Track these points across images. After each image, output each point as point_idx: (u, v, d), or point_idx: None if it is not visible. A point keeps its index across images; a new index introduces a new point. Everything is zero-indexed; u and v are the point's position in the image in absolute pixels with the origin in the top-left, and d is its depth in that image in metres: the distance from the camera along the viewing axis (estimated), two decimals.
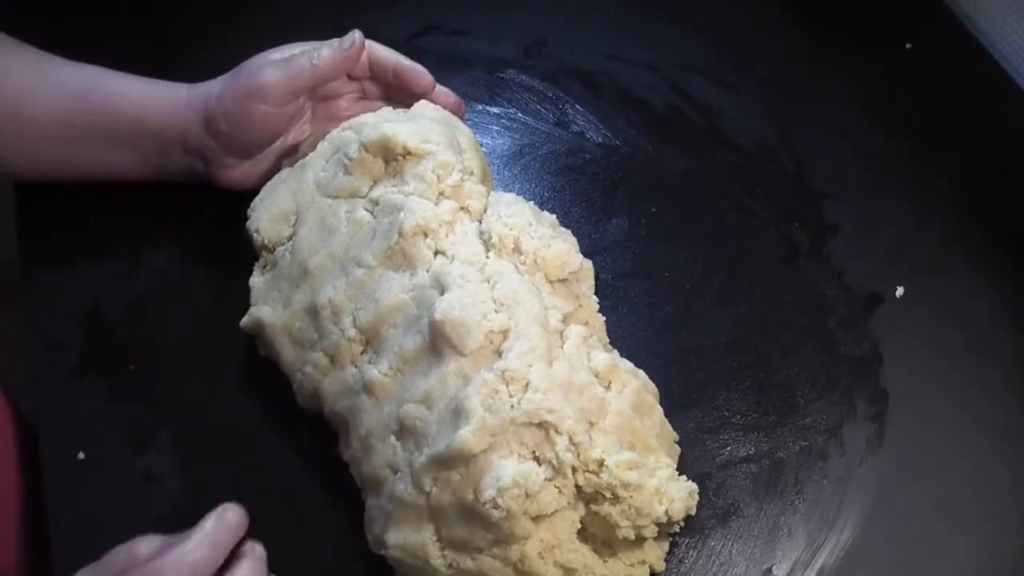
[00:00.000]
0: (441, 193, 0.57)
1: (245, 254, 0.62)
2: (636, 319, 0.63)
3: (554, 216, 0.60)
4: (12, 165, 0.64)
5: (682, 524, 0.52)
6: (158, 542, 0.50)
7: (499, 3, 0.78)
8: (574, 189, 0.68)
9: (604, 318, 0.59)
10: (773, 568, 0.55)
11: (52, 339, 0.62)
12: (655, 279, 0.65)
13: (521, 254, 0.55)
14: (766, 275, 0.65)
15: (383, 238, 0.55)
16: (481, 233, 0.56)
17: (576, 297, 0.57)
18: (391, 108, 0.63)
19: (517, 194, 0.61)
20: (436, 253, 0.55)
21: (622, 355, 0.57)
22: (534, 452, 0.49)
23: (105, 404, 0.60)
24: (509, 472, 0.47)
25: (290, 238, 0.59)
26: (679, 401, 0.59)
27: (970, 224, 0.67)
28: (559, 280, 0.56)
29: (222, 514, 0.50)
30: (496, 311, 0.52)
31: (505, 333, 0.51)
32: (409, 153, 0.57)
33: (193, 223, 0.67)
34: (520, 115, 0.72)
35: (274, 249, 0.60)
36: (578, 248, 0.59)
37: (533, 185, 0.69)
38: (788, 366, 0.61)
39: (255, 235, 0.61)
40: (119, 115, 0.62)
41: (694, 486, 0.52)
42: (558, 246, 0.56)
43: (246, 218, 0.62)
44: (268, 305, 0.58)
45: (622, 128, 0.72)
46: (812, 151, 0.71)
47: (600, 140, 0.71)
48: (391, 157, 0.58)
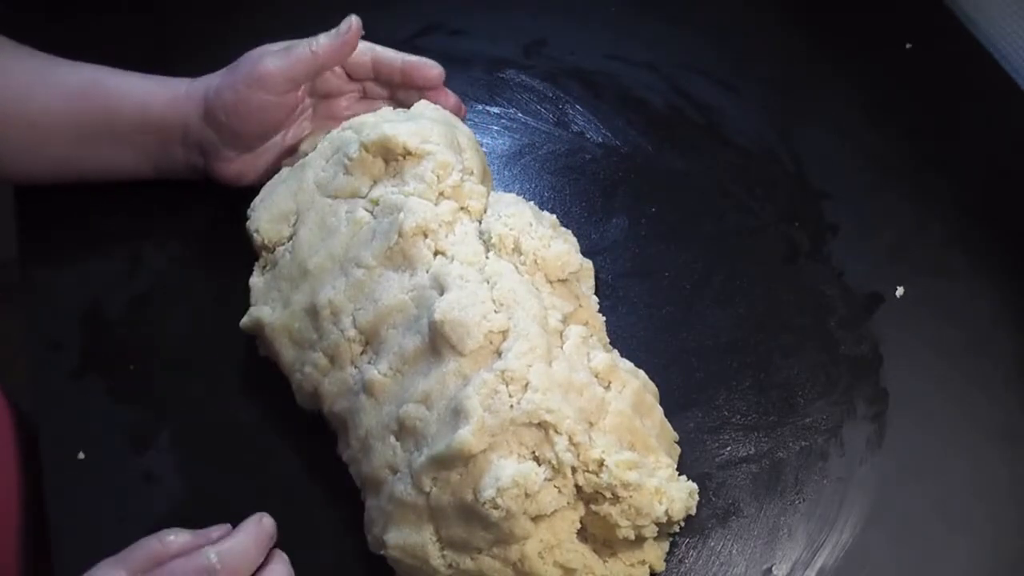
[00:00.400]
0: (441, 193, 0.57)
1: (245, 254, 0.62)
2: (636, 319, 0.63)
3: (554, 216, 0.60)
4: (12, 167, 0.64)
5: (682, 524, 0.52)
6: (187, 535, 0.50)
7: (499, 3, 0.78)
8: (574, 189, 0.68)
9: (604, 318, 0.59)
10: (773, 568, 0.55)
11: (52, 339, 0.62)
12: (655, 279, 0.65)
13: (521, 254, 0.55)
14: (766, 275, 0.65)
15: (383, 238, 0.55)
16: (481, 233, 0.56)
17: (576, 297, 0.57)
18: (391, 108, 0.63)
19: (517, 194, 0.61)
20: (436, 253, 0.55)
21: (622, 355, 0.57)
22: (534, 452, 0.49)
23: (105, 404, 0.60)
24: (508, 472, 0.47)
25: (290, 238, 0.59)
26: (679, 401, 0.59)
27: (970, 224, 0.67)
28: (559, 280, 0.56)
29: (260, 519, 0.52)
30: (496, 311, 0.52)
31: (505, 333, 0.51)
32: (409, 153, 0.57)
33: (193, 223, 0.67)
34: (520, 115, 0.72)
35: (274, 249, 0.60)
36: (578, 248, 0.59)
37: (533, 185, 0.69)
38: (788, 366, 0.61)
39: (255, 235, 0.61)
40: (121, 112, 0.62)
41: (694, 486, 0.52)
42: (558, 246, 0.56)
43: (246, 218, 0.62)
44: (268, 305, 0.58)
45: (622, 128, 0.72)
46: (812, 151, 0.71)
47: (600, 140, 0.71)
48: (391, 157, 0.58)
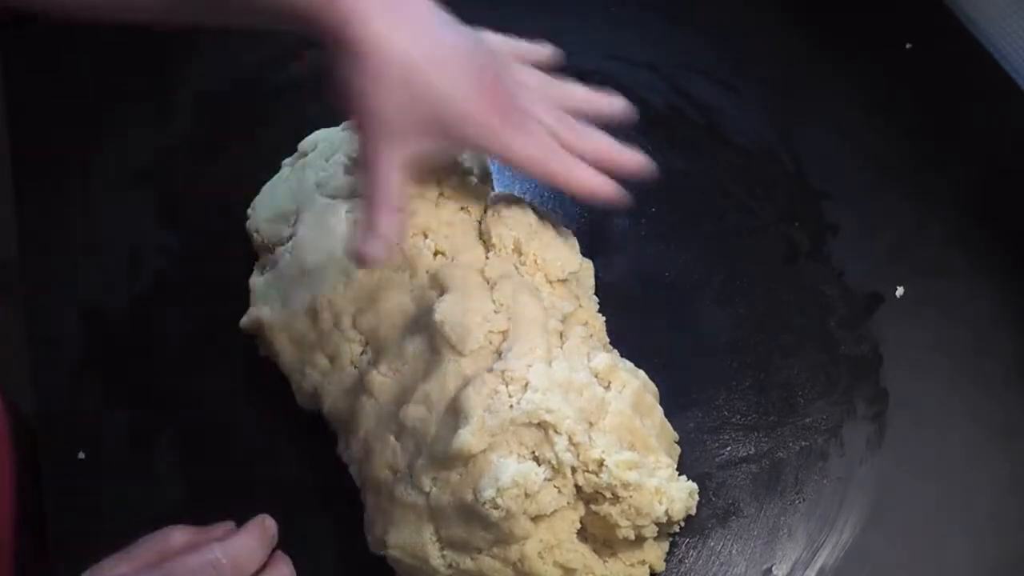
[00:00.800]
0: (441, 194, 0.57)
1: (245, 254, 0.62)
2: (636, 319, 0.63)
3: (554, 216, 0.60)
4: None
5: (682, 524, 0.52)
6: (192, 531, 0.50)
7: (499, 3, 0.78)
8: None
9: (603, 318, 0.59)
10: (773, 568, 0.55)
11: (52, 339, 0.62)
12: (655, 279, 0.65)
13: (521, 255, 0.55)
14: (766, 275, 0.65)
15: None
16: (481, 234, 0.56)
17: (576, 297, 0.57)
18: None
19: (517, 194, 0.61)
20: (436, 253, 0.55)
21: (622, 355, 0.57)
22: (534, 452, 0.49)
23: (105, 404, 0.60)
24: (508, 472, 0.47)
25: (290, 238, 0.59)
26: (679, 401, 0.59)
27: (970, 224, 0.67)
28: (559, 280, 0.56)
29: (263, 520, 0.52)
30: (495, 312, 0.52)
31: (504, 334, 0.51)
32: None
33: (193, 223, 0.67)
34: None
35: (274, 249, 0.60)
36: (578, 248, 0.59)
37: (533, 185, 0.69)
38: (788, 366, 0.61)
39: (255, 235, 0.61)
40: None
41: (694, 486, 0.52)
42: (558, 246, 0.56)
43: (246, 218, 0.62)
44: (267, 305, 0.58)
45: (622, 128, 0.72)
46: (812, 151, 0.71)
47: None
48: None
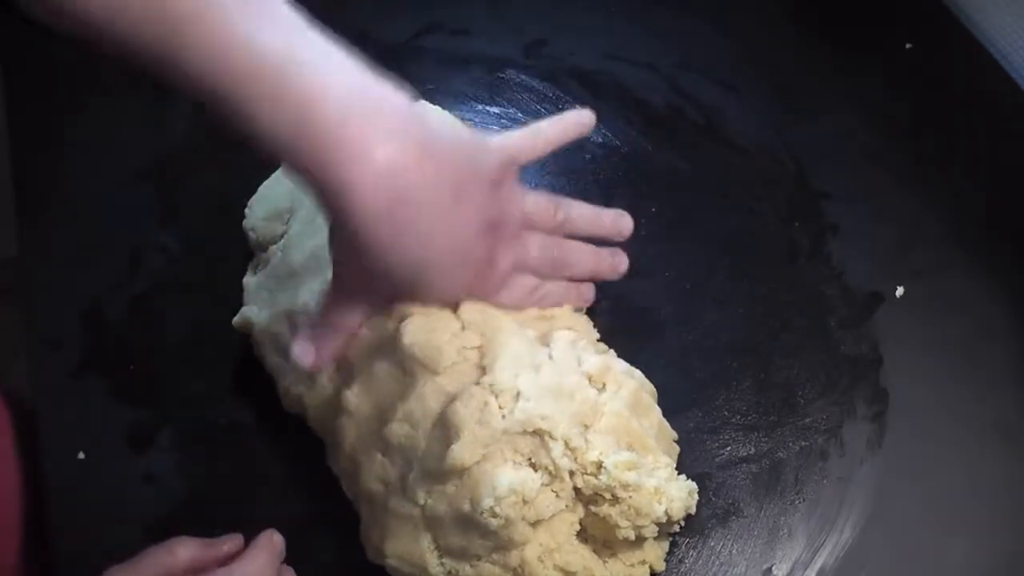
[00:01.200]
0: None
1: (245, 254, 0.62)
2: (636, 319, 0.63)
3: None
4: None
5: (682, 524, 0.52)
6: (196, 545, 0.50)
7: (499, 3, 0.78)
8: (574, 189, 0.68)
9: (588, 319, 0.58)
10: (773, 568, 0.55)
11: (52, 338, 0.62)
12: (655, 279, 0.65)
13: None
14: (766, 275, 0.65)
15: None
16: None
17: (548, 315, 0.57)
18: None
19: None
20: None
21: (621, 355, 0.57)
22: (530, 459, 0.48)
23: (105, 404, 0.60)
24: (505, 480, 0.47)
25: (283, 236, 0.59)
26: (679, 401, 0.59)
27: (970, 224, 0.67)
28: None
29: (271, 536, 0.52)
30: (463, 328, 0.51)
31: (480, 348, 0.51)
32: None
33: (193, 223, 0.67)
34: (520, 115, 0.72)
35: (268, 248, 0.60)
36: None
37: (533, 185, 0.68)
38: (788, 366, 0.61)
39: (250, 233, 0.61)
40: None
41: (694, 485, 0.52)
42: None
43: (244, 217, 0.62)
44: (257, 305, 0.58)
45: (622, 128, 0.72)
46: (812, 151, 0.71)
47: (600, 140, 0.71)
48: None
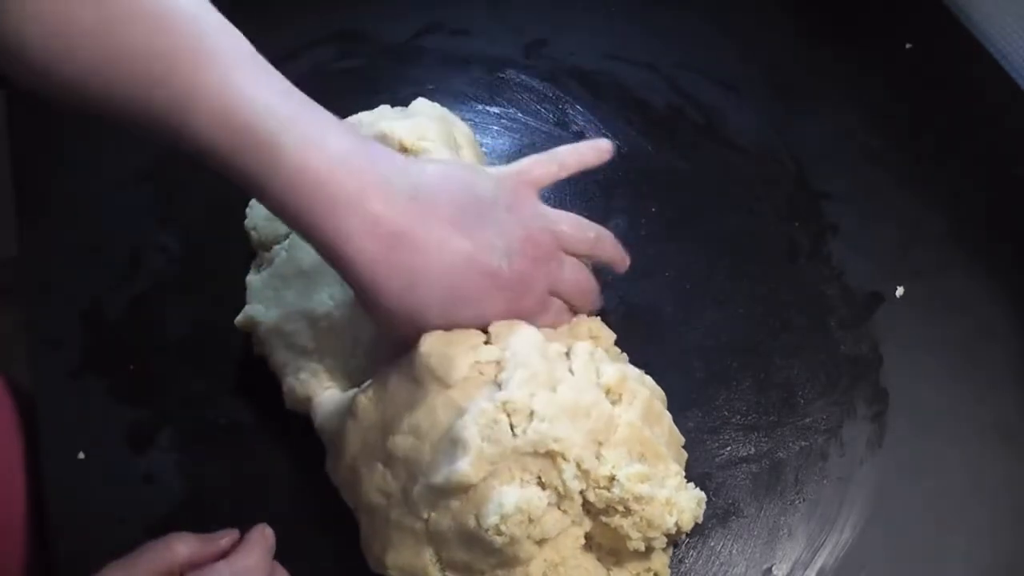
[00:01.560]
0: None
1: (245, 253, 0.62)
2: (636, 319, 0.63)
3: None
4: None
5: (688, 532, 0.52)
6: (194, 540, 0.50)
7: (499, 3, 0.78)
8: (574, 189, 0.68)
9: (612, 333, 0.57)
10: (773, 568, 0.55)
11: (52, 338, 0.62)
12: (655, 279, 0.65)
13: None
14: (766, 275, 0.65)
15: None
16: None
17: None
18: (388, 106, 0.63)
19: None
20: None
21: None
22: (539, 477, 0.48)
23: (105, 404, 0.60)
24: (511, 499, 0.46)
25: (287, 236, 0.59)
26: (679, 401, 0.59)
27: (970, 224, 0.67)
28: None
29: (263, 531, 0.52)
30: (486, 343, 0.50)
31: (498, 364, 0.50)
32: (405, 149, 0.57)
33: (193, 223, 0.67)
34: (520, 115, 0.72)
35: (271, 247, 0.60)
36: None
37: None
38: (788, 366, 0.61)
39: (252, 232, 0.61)
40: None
41: (702, 495, 0.51)
42: None
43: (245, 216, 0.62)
44: (262, 304, 0.58)
45: (622, 128, 0.72)
46: (812, 151, 0.71)
47: None
48: None
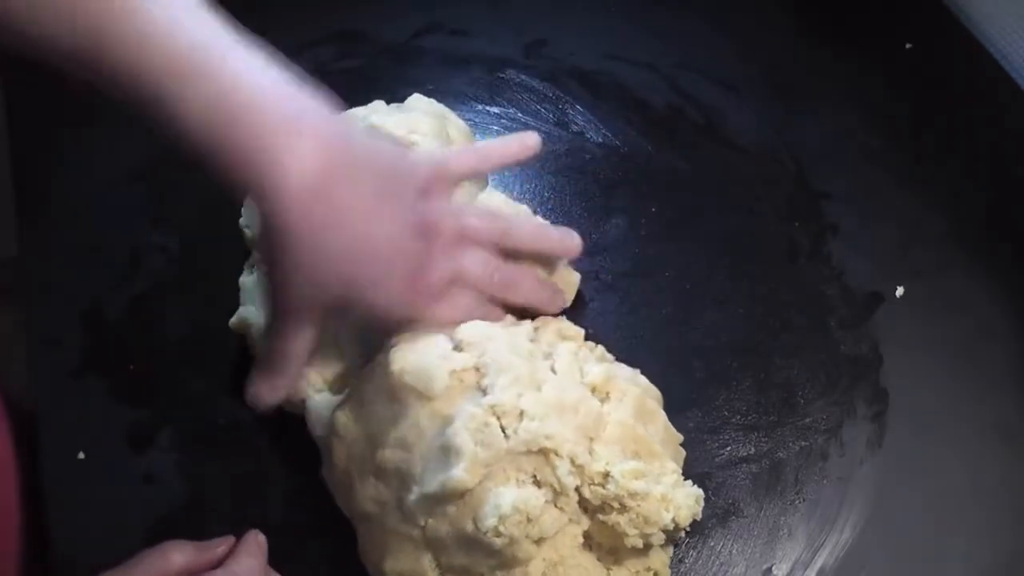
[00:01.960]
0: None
1: (245, 253, 0.62)
2: (636, 319, 0.63)
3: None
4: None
5: (687, 530, 0.52)
6: (190, 548, 0.50)
7: (499, 3, 0.78)
8: (574, 189, 0.68)
9: (581, 329, 0.57)
10: (773, 568, 0.55)
11: (52, 338, 0.62)
12: (655, 279, 0.65)
13: None
14: (766, 275, 0.65)
15: None
16: None
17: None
18: (383, 102, 0.63)
19: (517, 194, 0.61)
20: None
21: (622, 357, 0.57)
22: (534, 476, 0.48)
23: (105, 404, 0.60)
24: (508, 499, 0.46)
25: None
26: (679, 401, 0.59)
27: (970, 224, 0.67)
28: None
29: (256, 535, 0.52)
30: (456, 349, 0.50)
31: (477, 371, 0.50)
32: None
33: (193, 223, 0.67)
34: (520, 115, 0.72)
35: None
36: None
37: (533, 185, 0.69)
38: (788, 366, 0.61)
39: (246, 230, 0.61)
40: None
41: (699, 492, 0.51)
42: None
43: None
44: (254, 305, 0.58)
45: (622, 128, 0.72)
46: (812, 151, 0.71)
47: (600, 140, 0.71)
48: None
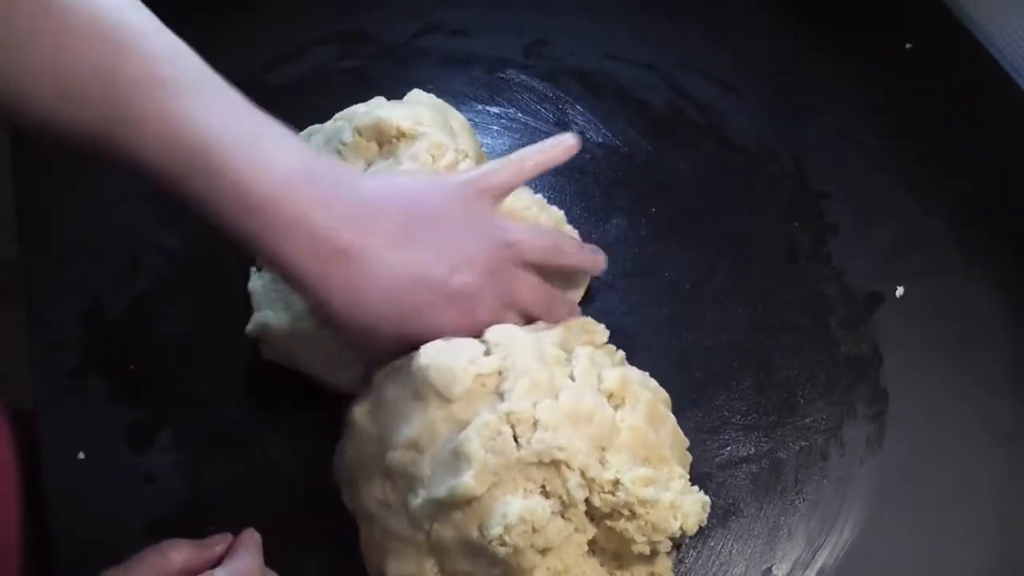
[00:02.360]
0: (436, 173, 0.56)
1: (245, 254, 0.62)
2: (636, 319, 0.63)
3: (561, 212, 0.61)
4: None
5: (691, 536, 0.52)
6: (189, 547, 0.50)
7: (499, 3, 0.78)
8: (574, 189, 0.68)
9: (603, 326, 0.57)
10: (773, 568, 0.55)
11: (52, 339, 0.62)
12: (655, 279, 0.65)
13: None
14: (766, 275, 0.65)
15: None
16: None
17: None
18: (383, 98, 0.63)
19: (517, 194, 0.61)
20: None
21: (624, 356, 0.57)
22: (543, 486, 0.48)
23: (105, 404, 0.60)
24: (515, 509, 0.46)
25: None
26: (679, 401, 0.58)
27: (970, 224, 0.67)
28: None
29: (252, 533, 0.52)
30: (486, 354, 0.50)
31: (499, 375, 0.49)
32: (403, 134, 0.57)
33: (193, 223, 0.66)
34: (520, 115, 0.72)
35: None
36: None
37: (533, 185, 0.68)
38: (788, 366, 0.61)
39: None
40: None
41: (706, 499, 0.51)
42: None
43: None
44: (270, 309, 0.58)
45: (622, 128, 0.72)
46: (812, 151, 0.71)
47: (600, 140, 0.71)
48: (385, 140, 0.58)
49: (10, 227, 0.66)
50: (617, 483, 0.48)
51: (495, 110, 0.73)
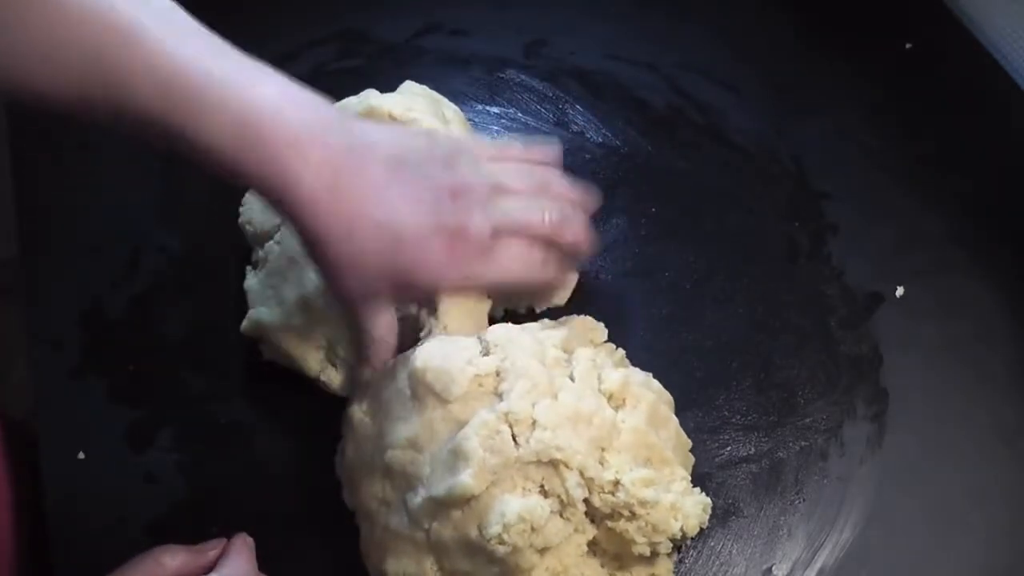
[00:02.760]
0: None
1: (245, 254, 0.62)
2: (636, 319, 0.63)
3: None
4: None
5: (692, 537, 0.52)
6: (182, 553, 0.50)
7: (499, 3, 0.78)
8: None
9: (603, 324, 0.58)
10: (773, 568, 0.55)
11: (52, 339, 0.62)
12: (655, 279, 0.65)
13: None
14: (766, 275, 0.65)
15: None
16: None
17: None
18: (375, 91, 0.63)
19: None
20: None
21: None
22: (542, 486, 0.48)
23: (105, 404, 0.60)
24: (514, 508, 0.46)
25: (279, 228, 0.59)
26: (679, 401, 0.58)
27: (970, 223, 0.67)
28: None
29: (245, 538, 0.52)
30: (484, 354, 0.50)
31: (499, 374, 0.50)
32: (394, 119, 0.58)
33: (193, 223, 0.67)
34: (520, 115, 0.72)
35: (264, 243, 0.60)
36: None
37: None
38: (788, 366, 0.61)
39: (247, 227, 0.61)
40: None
41: (707, 500, 0.51)
42: None
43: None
44: (265, 306, 0.58)
45: (622, 128, 0.72)
46: (812, 151, 0.71)
47: (600, 140, 0.71)
48: None
49: (10, 227, 0.66)
50: (617, 483, 0.48)
51: (495, 110, 0.73)
